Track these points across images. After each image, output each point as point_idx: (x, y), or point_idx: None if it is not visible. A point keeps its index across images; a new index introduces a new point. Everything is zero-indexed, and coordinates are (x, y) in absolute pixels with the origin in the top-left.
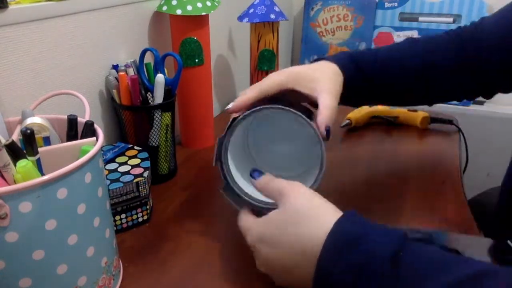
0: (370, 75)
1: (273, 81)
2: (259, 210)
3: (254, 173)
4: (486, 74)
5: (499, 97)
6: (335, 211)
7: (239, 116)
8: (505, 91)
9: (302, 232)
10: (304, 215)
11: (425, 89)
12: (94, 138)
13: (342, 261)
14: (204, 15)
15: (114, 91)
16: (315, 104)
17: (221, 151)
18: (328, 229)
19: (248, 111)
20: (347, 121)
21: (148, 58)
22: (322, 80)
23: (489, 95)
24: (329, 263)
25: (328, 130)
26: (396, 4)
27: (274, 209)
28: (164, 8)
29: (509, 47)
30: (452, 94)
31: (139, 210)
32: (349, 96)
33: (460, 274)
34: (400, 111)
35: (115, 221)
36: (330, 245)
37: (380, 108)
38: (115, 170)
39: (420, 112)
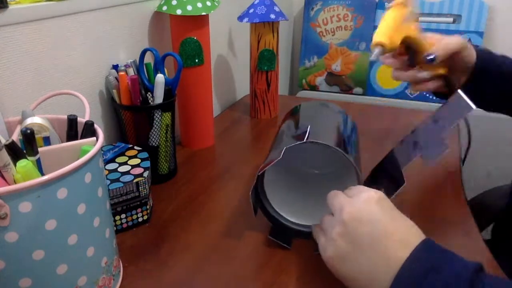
0: (498, 64)
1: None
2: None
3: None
4: None
5: None
6: (415, 231)
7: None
8: None
9: (385, 245)
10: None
11: None
12: (94, 138)
13: (422, 284)
14: (204, 15)
15: (114, 91)
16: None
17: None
18: (411, 248)
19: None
20: (378, 48)
21: (148, 58)
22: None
23: None
24: (408, 283)
25: (431, 59)
26: None
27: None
28: (164, 8)
29: None
30: None
31: (139, 210)
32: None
33: None
34: (429, 45)
35: (115, 221)
36: (411, 266)
37: (413, 33)
38: (115, 170)
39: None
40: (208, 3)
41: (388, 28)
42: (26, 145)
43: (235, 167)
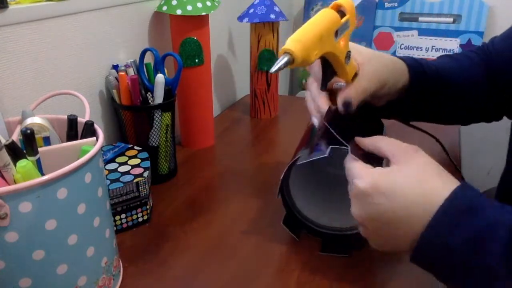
0: (432, 77)
1: (372, 81)
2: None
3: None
4: (501, 95)
5: None
6: (455, 179)
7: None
8: None
9: (425, 188)
10: (428, 173)
11: (467, 105)
12: (94, 138)
13: (461, 224)
14: (204, 15)
15: (114, 91)
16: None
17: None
18: (451, 189)
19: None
20: (286, 58)
21: (148, 58)
22: (373, 59)
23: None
24: (446, 222)
25: (346, 105)
26: (396, 4)
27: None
28: (164, 8)
29: None
30: (483, 114)
31: (139, 210)
32: (411, 96)
33: None
34: (352, 68)
35: (115, 221)
36: (450, 205)
37: (338, 51)
38: (115, 170)
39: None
40: (208, 3)
41: (308, 36)
42: (26, 145)
43: (235, 167)
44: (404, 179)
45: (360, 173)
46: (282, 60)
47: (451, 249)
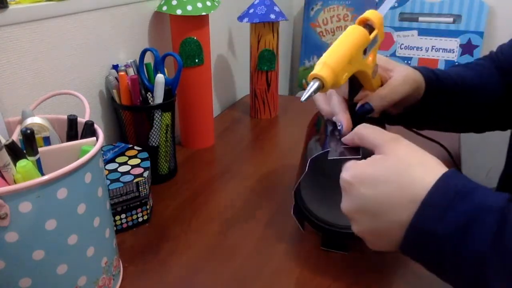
0: (447, 86)
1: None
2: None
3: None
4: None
5: None
6: (441, 165)
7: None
8: None
9: (409, 175)
10: (412, 161)
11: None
12: (94, 138)
13: (448, 209)
14: (204, 15)
15: (114, 91)
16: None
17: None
18: (437, 176)
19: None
20: (316, 84)
21: (148, 58)
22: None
23: None
24: (433, 210)
25: (364, 109)
26: (396, 4)
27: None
28: (164, 8)
29: None
30: (499, 120)
31: (139, 210)
32: (424, 105)
33: None
34: (376, 83)
35: (115, 221)
36: (437, 192)
37: (366, 68)
38: (115, 170)
39: None
40: (208, 3)
41: (337, 59)
42: (26, 145)
43: (235, 167)
44: (388, 167)
45: (345, 167)
46: (312, 87)
47: (439, 236)
